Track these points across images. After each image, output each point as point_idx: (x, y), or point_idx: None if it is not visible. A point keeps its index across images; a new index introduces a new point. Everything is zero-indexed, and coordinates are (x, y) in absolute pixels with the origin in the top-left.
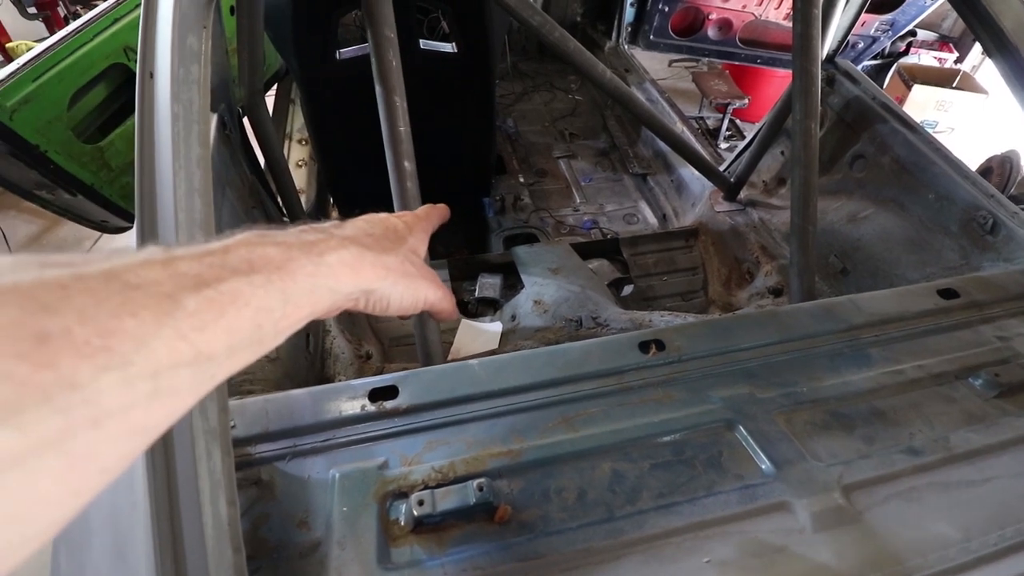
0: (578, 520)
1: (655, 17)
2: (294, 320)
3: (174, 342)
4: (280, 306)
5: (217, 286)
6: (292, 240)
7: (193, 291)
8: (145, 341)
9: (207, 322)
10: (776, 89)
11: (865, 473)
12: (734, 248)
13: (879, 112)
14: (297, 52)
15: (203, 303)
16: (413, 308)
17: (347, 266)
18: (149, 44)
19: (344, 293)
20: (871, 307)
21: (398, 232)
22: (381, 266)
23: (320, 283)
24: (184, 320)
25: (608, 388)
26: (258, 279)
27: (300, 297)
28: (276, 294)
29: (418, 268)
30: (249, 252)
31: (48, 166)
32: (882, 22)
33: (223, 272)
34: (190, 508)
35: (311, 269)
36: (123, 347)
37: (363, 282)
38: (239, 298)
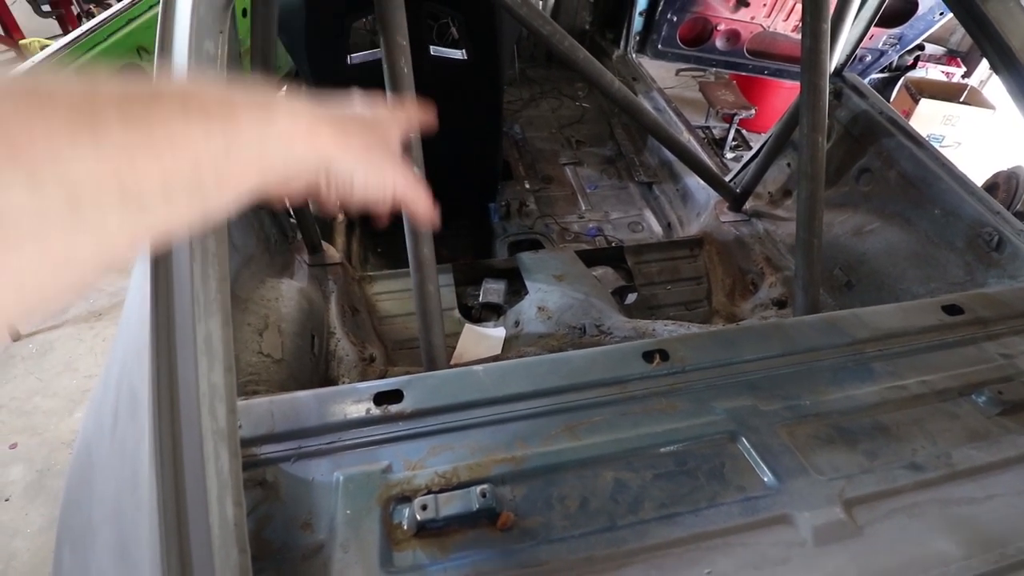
0: (580, 528)
1: (663, 27)
2: (241, 179)
3: (94, 163)
4: (223, 155)
5: (146, 116)
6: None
7: (118, 115)
8: (59, 155)
9: (135, 150)
10: (783, 100)
11: (867, 488)
12: (738, 259)
13: (886, 126)
14: (310, 57)
15: (129, 128)
16: (380, 195)
17: (301, 131)
18: (166, 48)
19: (299, 159)
20: (875, 321)
21: (365, 118)
22: (342, 139)
23: (270, 144)
24: (106, 140)
25: (611, 397)
26: (195, 116)
27: (246, 150)
28: (218, 139)
29: (386, 154)
30: (184, 92)
31: None
32: (890, 36)
33: (153, 104)
34: (197, 508)
35: (260, 128)
36: (31, 155)
37: (320, 151)
38: (173, 132)
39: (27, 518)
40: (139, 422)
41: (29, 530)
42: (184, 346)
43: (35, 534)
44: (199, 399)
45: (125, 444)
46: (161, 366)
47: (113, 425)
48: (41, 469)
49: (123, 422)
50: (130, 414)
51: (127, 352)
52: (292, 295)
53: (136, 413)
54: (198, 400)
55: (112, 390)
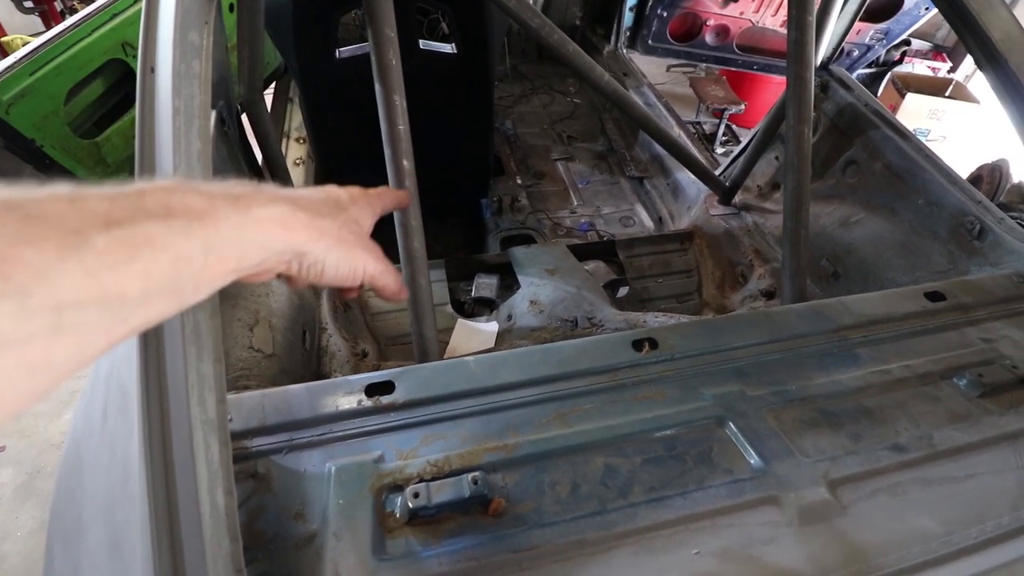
0: (571, 513)
1: (654, 22)
2: (217, 273)
3: (80, 278)
4: (201, 255)
5: (130, 227)
6: (217, 191)
7: (103, 229)
8: (46, 273)
9: (119, 262)
10: (772, 95)
11: (851, 469)
12: (728, 251)
13: (872, 119)
14: (297, 50)
15: (114, 242)
16: (351, 278)
17: (276, 222)
18: (151, 39)
19: (274, 251)
20: (860, 309)
21: (339, 201)
22: (315, 228)
23: (247, 236)
24: (92, 257)
25: (602, 385)
26: (177, 224)
27: (223, 248)
28: (197, 242)
29: (357, 238)
30: (167, 197)
31: (44, 161)
32: (877, 31)
33: (137, 214)
34: (187, 498)
35: (236, 221)
36: (21, 276)
37: (294, 241)
38: (155, 241)
39: (17, 521)
40: (129, 418)
41: (19, 533)
42: (172, 337)
43: (25, 537)
44: (188, 390)
45: (115, 440)
46: (149, 358)
47: (103, 422)
48: (31, 471)
49: (113, 418)
50: (120, 410)
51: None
52: (282, 290)
53: (126, 409)
54: (187, 390)
55: (101, 387)
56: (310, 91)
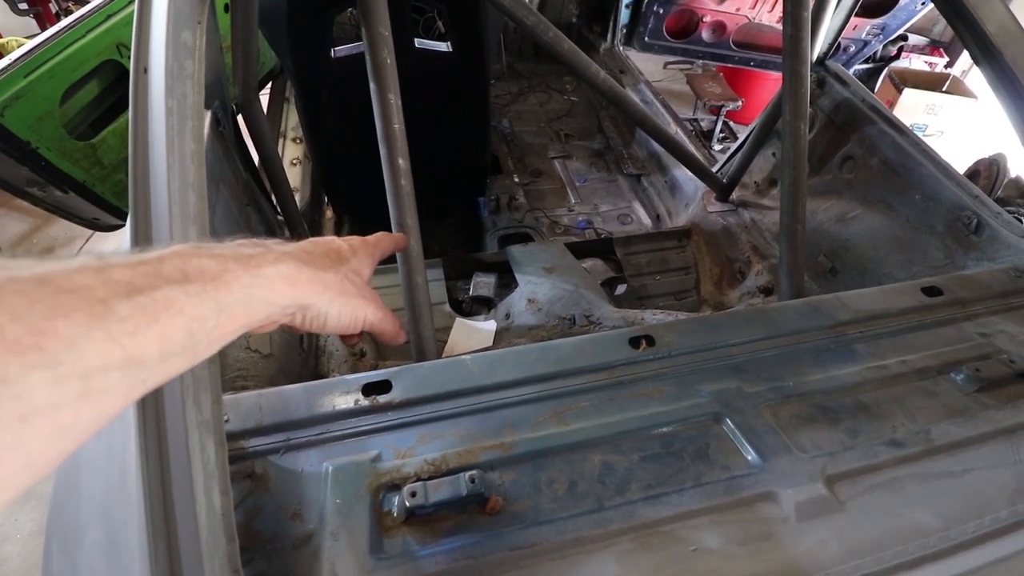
0: (568, 510)
1: (650, 19)
2: (228, 330)
3: (105, 345)
4: (214, 315)
5: (151, 293)
6: (228, 252)
7: (126, 297)
8: (76, 342)
9: (139, 327)
10: (770, 91)
11: (849, 464)
12: (726, 248)
13: (868, 114)
14: (292, 50)
15: (136, 309)
16: (352, 327)
17: (283, 279)
18: (143, 39)
19: (280, 306)
20: (857, 304)
21: (340, 253)
22: (319, 282)
23: (255, 295)
24: (116, 324)
25: (599, 383)
26: (192, 288)
27: (234, 308)
28: (210, 303)
29: (359, 288)
30: (184, 263)
31: (40, 163)
32: (873, 26)
33: (157, 280)
34: (184, 499)
35: (247, 280)
36: (54, 347)
37: (299, 296)
38: (172, 306)
39: (17, 523)
40: (126, 418)
41: (19, 535)
42: None
43: (25, 539)
44: (183, 390)
45: (112, 440)
46: None
47: None
48: None
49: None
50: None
51: None
52: None
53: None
54: (182, 391)
55: None
56: (306, 91)
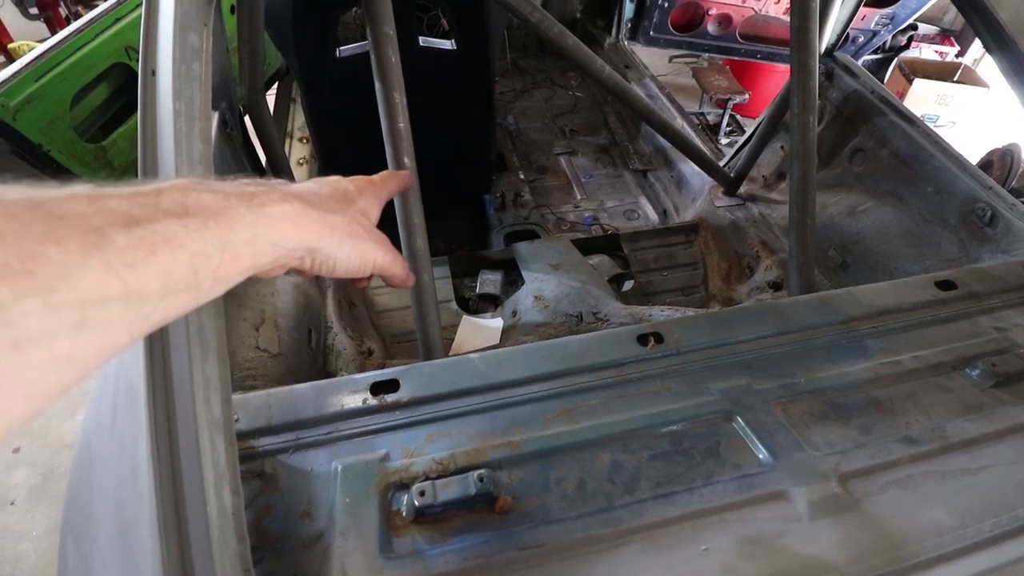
0: (578, 509)
1: (655, 13)
2: (234, 271)
3: (102, 275)
4: (217, 252)
5: (149, 225)
6: (231, 189)
7: (123, 228)
8: (70, 270)
9: (138, 259)
10: (777, 84)
11: (862, 462)
12: (734, 243)
13: (878, 106)
14: (298, 50)
15: (134, 240)
16: (361, 270)
17: (289, 220)
18: (151, 42)
19: (287, 248)
20: (869, 299)
21: (347, 194)
22: (326, 224)
23: (260, 234)
24: (113, 255)
25: (607, 381)
26: (193, 223)
27: (239, 247)
28: (213, 240)
29: (367, 230)
30: (183, 196)
31: (51, 165)
32: (882, 16)
33: (155, 212)
34: (195, 498)
35: (251, 219)
36: (46, 272)
37: (307, 238)
38: (173, 239)
39: (32, 521)
40: (137, 416)
41: (35, 533)
42: (177, 337)
43: (41, 537)
44: (193, 390)
45: (124, 438)
46: (155, 359)
47: (112, 420)
48: (44, 472)
49: (122, 417)
50: (128, 409)
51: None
52: (288, 290)
53: (134, 408)
54: (192, 391)
55: (111, 386)
56: (311, 91)
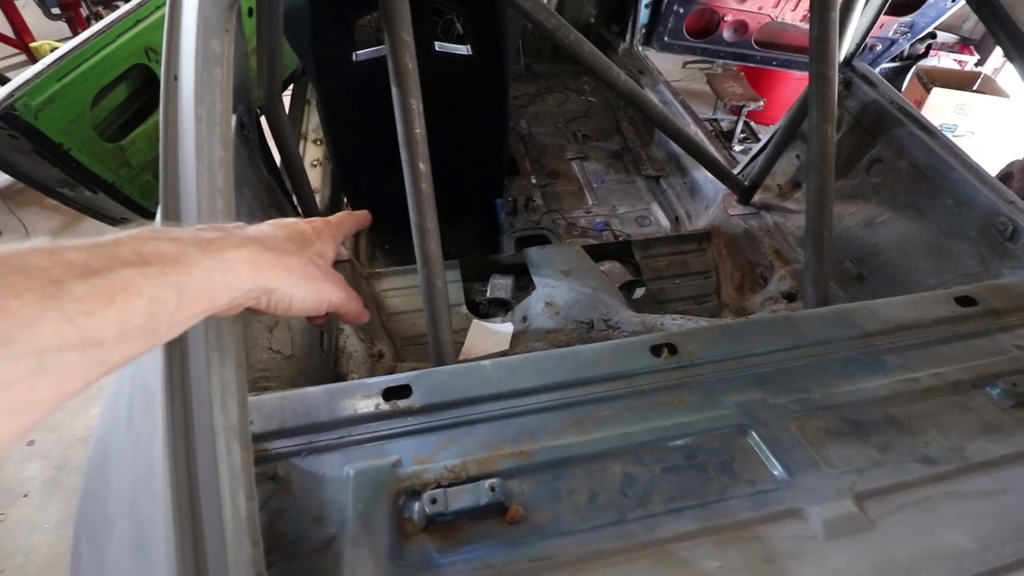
0: (589, 522)
1: (670, 19)
2: (190, 314)
3: (60, 324)
4: (174, 298)
5: (107, 275)
6: (187, 236)
7: (81, 278)
8: (29, 321)
9: (96, 308)
10: (792, 91)
11: (879, 481)
12: (748, 252)
13: (897, 116)
14: (315, 54)
15: (91, 290)
16: (316, 309)
17: (246, 263)
18: (173, 47)
19: (243, 290)
20: (886, 314)
21: (304, 235)
22: (283, 266)
23: (217, 279)
24: (71, 304)
25: (619, 391)
26: (151, 270)
27: (196, 291)
28: (170, 286)
29: (322, 271)
30: (140, 246)
31: (71, 164)
32: (901, 24)
33: (113, 263)
34: (210, 502)
35: (208, 264)
36: (5, 325)
37: (263, 280)
38: (130, 287)
39: (45, 513)
40: (153, 417)
41: (47, 525)
42: (195, 343)
43: (53, 529)
44: (211, 395)
45: (140, 439)
46: (174, 364)
47: (128, 420)
48: (58, 465)
49: (138, 417)
50: (144, 409)
51: None
52: None
53: (150, 408)
54: (210, 396)
55: (127, 384)
56: (327, 94)
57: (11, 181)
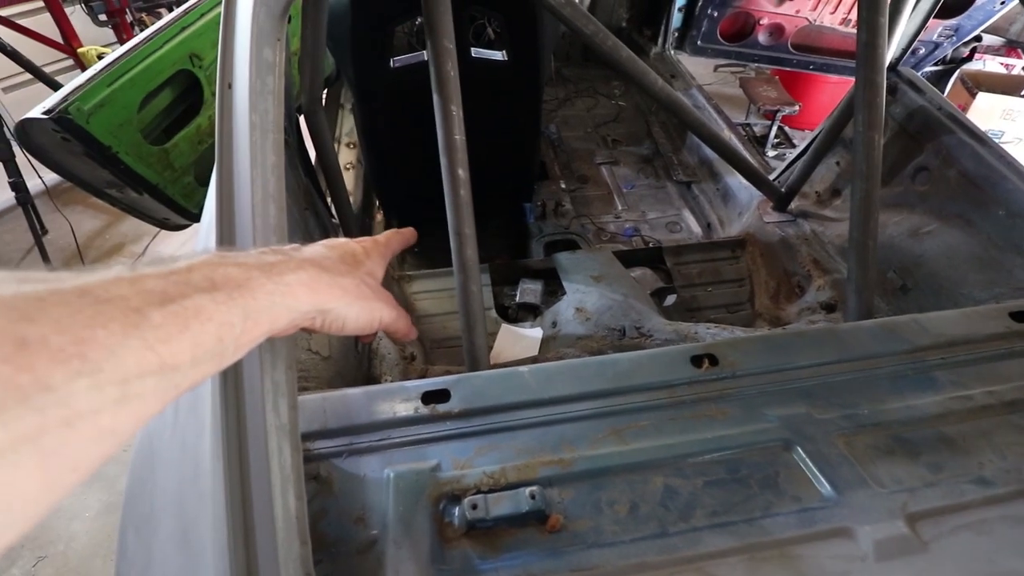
0: (630, 534)
1: (704, 22)
2: (253, 336)
3: (141, 352)
4: (240, 322)
5: (181, 302)
6: (252, 261)
7: (159, 306)
8: (114, 350)
9: (172, 334)
10: (829, 95)
11: (932, 502)
12: (784, 260)
13: (945, 123)
14: (354, 61)
15: (168, 317)
16: (368, 328)
17: (304, 286)
18: (228, 57)
19: (301, 312)
20: (937, 328)
21: (356, 256)
22: (338, 287)
23: (278, 301)
24: (150, 331)
25: (659, 401)
26: (220, 296)
27: (259, 314)
28: (237, 310)
29: (374, 290)
30: (211, 271)
31: (119, 166)
32: (946, 27)
33: (187, 289)
34: (262, 501)
35: (270, 288)
36: (94, 355)
37: (319, 302)
38: (202, 313)
39: (85, 503)
40: (199, 415)
41: (87, 514)
42: None
43: (92, 518)
44: (263, 396)
45: (186, 436)
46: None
47: (174, 417)
48: None
49: (184, 414)
50: (190, 407)
51: None
52: None
53: (196, 407)
54: (262, 397)
55: None
56: (364, 99)
57: (58, 181)
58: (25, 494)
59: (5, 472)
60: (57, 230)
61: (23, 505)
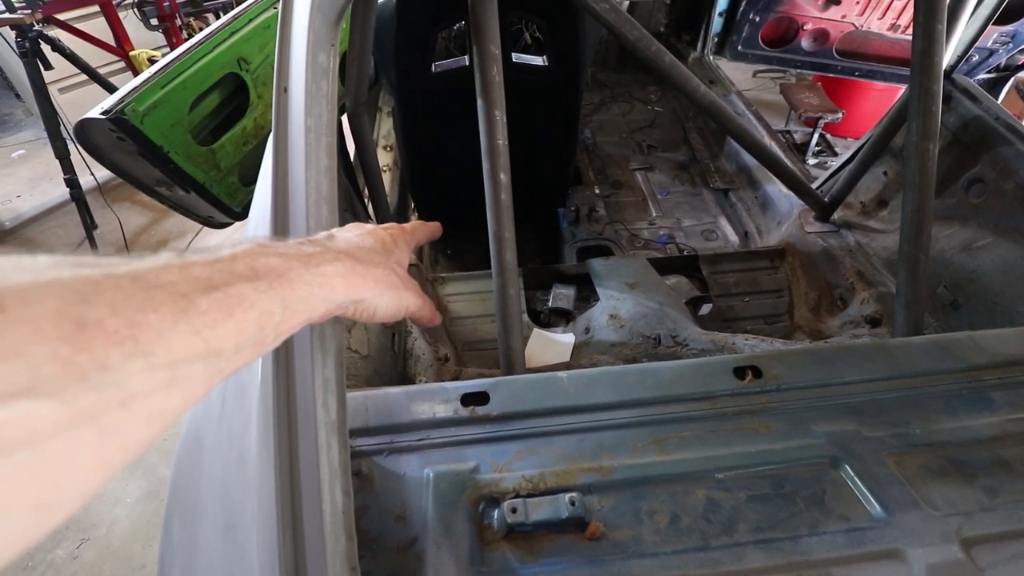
0: (672, 545)
1: (744, 27)
2: (292, 324)
3: (189, 337)
4: (280, 311)
5: (226, 289)
6: (292, 251)
7: (205, 293)
8: (164, 334)
9: (217, 321)
10: (874, 103)
11: (988, 527)
12: (825, 272)
13: (1003, 133)
14: (398, 65)
15: (213, 304)
16: (397, 315)
17: (340, 277)
18: (284, 61)
19: (337, 302)
20: (994, 346)
21: (386, 245)
22: (371, 278)
23: (315, 292)
24: (197, 317)
25: (700, 412)
26: (261, 285)
27: (298, 304)
28: (277, 300)
29: (402, 279)
30: (254, 261)
31: (169, 165)
32: (1002, 33)
33: (231, 277)
34: (311, 495)
35: (308, 279)
36: (146, 337)
37: (354, 292)
38: (245, 301)
39: (127, 489)
40: (246, 407)
41: (128, 500)
42: (300, 341)
43: (134, 504)
44: (314, 392)
45: (232, 428)
46: (279, 360)
47: (221, 407)
48: None
49: (230, 407)
50: (237, 400)
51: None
52: None
53: (243, 398)
54: (313, 393)
55: None
56: (405, 103)
57: (109, 178)
58: (82, 471)
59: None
60: (106, 225)
61: (79, 482)
